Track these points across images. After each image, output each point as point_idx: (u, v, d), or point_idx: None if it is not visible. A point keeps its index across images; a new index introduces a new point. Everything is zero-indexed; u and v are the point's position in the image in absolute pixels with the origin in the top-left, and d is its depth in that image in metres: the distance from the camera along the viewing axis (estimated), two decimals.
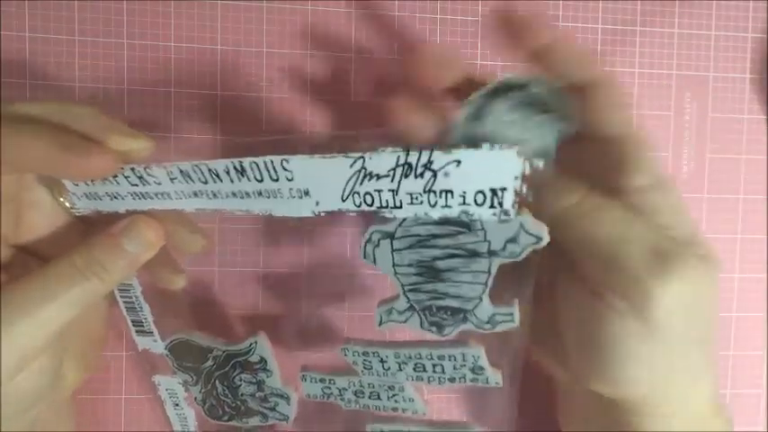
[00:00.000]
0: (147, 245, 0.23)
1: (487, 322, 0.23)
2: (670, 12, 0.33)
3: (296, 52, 0.31)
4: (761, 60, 0.34)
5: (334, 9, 0.31)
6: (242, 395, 0.29)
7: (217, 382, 0.29)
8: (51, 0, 0.29)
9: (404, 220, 0.22)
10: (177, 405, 0.30)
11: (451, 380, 0.26)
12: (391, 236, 0.22)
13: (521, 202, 0.19)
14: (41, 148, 0.20)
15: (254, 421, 0.30)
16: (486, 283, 0.23)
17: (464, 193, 0.18)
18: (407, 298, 0.24)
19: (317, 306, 0.32)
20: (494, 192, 0.18)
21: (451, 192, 0.19)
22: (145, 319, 0.27)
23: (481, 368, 0.25)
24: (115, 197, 0.23)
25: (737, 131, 0.34)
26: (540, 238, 0.20)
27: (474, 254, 0.22)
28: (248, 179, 0.20)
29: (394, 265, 0.23)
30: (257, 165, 0.20)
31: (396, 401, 0.27)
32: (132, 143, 0.22)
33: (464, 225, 0.21)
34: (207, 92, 0.30)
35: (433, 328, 0.24)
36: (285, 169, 0.20)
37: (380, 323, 0.25)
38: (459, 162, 0.18)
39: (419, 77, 0.23)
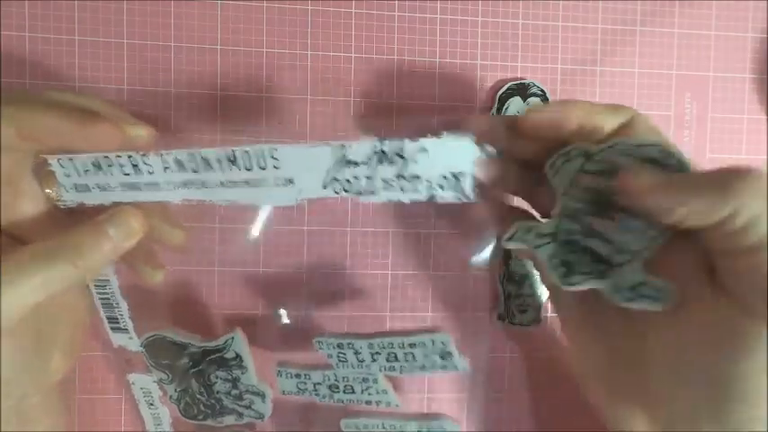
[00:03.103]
0: (130, 232, 0.23)
1: (629, 289, 0.21)
2: (670, 12, 0.33)
3: (296, 52, 0.31)
4: (761, 60, 0.34)
5: (334, 9, 0.31)
6: (217, 393, 0.29)
7: (192, 380, 0.29)
8: (51, 0, 0.29)
9: (611, 146, 0.21)
10: (152, 405, 0.30)
11: (422, 368, 0.27)
12: (588, 156, 0.22)
13: None
14: (55, 119, 0.22)
15: (230, 420, 0.30)
16: (653, 241, 0.21)
17: (430, 178, 0.21)
18: (558, 223, 0.22)
19: (312, 307, 0.32)
20: (455, 176, 0.21)
21: (419, 177, 0.21)
22: (121, 315, 0.27)
23: (449, 353, 0.26)
24: (104, 188, 0.24)
25: (737, 131, 0.34)
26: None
27: None
28: (238, 168, 0.22)
29: (570, 184, 0.22)
30: (248, 153, 0.21)
31: (369, 394, 0.28)
32: (133, 129, 0.23)
33: (668, 167, 0.21)
34: (207, 92, 0.30)
35: (562, 269, 0.22)
36: (273, 158, 0.21)
37: (510, 237, 0.23)
38: (425, 149, 0.20)
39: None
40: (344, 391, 0.29)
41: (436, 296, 0.33)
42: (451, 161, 0.21)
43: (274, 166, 0.22)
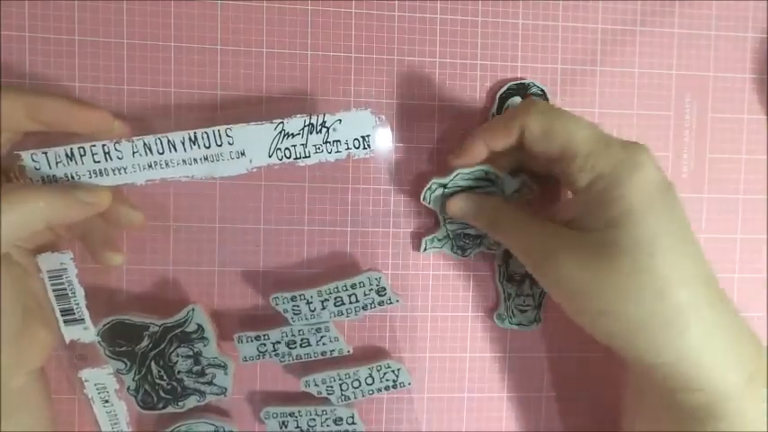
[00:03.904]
0: (96, 196, 0.26)
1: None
2: (670, 12, 0.33)
3: (296, 52, 0.31)
4: (761, 60, 0.34)
5: (334, 9, 0.31)
6: (178, 373, 0.30)
7: (152, 363, 0.30)
8: (51, 0, 0.29)
9: (456, 175, 0.30)
10: (107, 402, 0.30)
11: (364, 307, 0.31)
12: (444, 186, 0.30)
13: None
14: (62, 101, 0.26)
15: (191, 402, 0.30)
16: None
17: (347, 140, 0.27)
18: (446, 228, 0.31)
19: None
20: (363, 137, 0.27)
21: (339, 141, 0.27)
22: (77, 305, 0.28)
23: (384, 289, 0.30)
24: (72, 177, 0.26)
25: (737, 131, 0.34)
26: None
27: None
28: (198, 147, 0.27)
29: (442, 205, 0.30)
30: (207, 134, 0.27)
31: (324, 344, 0.31)
32: (115, 121, 0.27)
33: (491, 181, 0.30)
34: (207, 92, 0.30)
35: (459, 251, 0.32)
36: (228, 135, 0.27)
37: (425, 249, 0.32)
38: (341, 120, 0.27)
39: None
40: (301, 345, 0.31)
41: (435, 296, 0.33)
42: (359, 127, 0.27)
43: (229, 143, 0.27)
